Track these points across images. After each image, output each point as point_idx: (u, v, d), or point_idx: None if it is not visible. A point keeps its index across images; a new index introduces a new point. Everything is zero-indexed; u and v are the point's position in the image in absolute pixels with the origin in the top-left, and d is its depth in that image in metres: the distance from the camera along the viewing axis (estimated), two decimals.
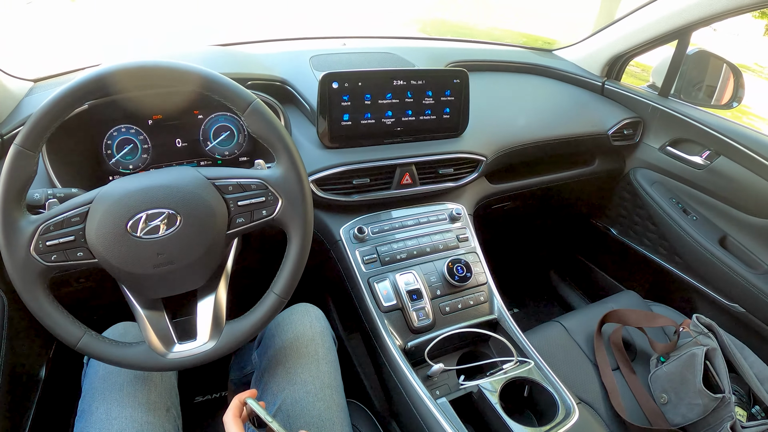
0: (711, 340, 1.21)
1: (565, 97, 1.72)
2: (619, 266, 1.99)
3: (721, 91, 1.65)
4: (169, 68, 0.74)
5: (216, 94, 0.76)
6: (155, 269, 0.75)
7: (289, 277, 0.83)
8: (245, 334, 0.83)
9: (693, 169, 1.58)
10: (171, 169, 0.80)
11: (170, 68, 0.74)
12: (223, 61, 1.30)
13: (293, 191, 0.80)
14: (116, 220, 0.72)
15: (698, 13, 1.42)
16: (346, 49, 1.56)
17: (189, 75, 0.75)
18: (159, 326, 0.81)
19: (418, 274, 1.13)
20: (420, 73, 1.17)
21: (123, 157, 1.09)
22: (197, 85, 0.75)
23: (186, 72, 0.75)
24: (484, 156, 1.30)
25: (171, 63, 0.74)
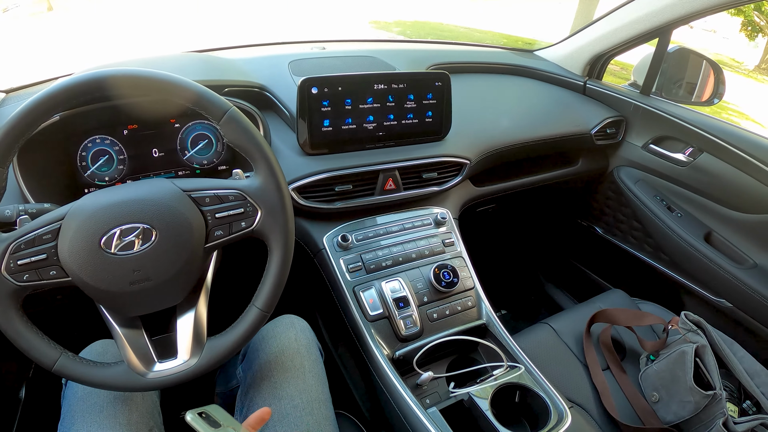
0: (700, 337, 1.21)
1: (548, 98, 1.72)
2: (605, 265, 1.99)
3: (702, 88, 1.66)
4: (138, 76, 0.71)
5: (189, 102, 0.74)
6: (131, 287, 0.72)
7: (271, 291, 0.80)
8: (227, 350, 0.80)
9: (676, 166, 1.58)
10: (145, 182, 0.77)
11: (138, 76, 0.71)
12: (198, 68, 1.27)
13: (272, 201, 0.78)
14: (89, 237, 0.69)
15: (678, 11, 1.42)
16: (326, 53, 1.54)
17: (158, 83, 0.72)
18: (138, 345, 0.78)
19: (404, 281, 1.11)
20: (401, 77, 1.15)
21: (98, 168, 1.05)
22: (167, 93, 0.73)
23: (155, 80, 0.72)
24: (467, 159, 1.29)
25: (139, 71, 0.71)
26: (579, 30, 1.78)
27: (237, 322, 0.81)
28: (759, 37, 13.37)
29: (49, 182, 0.98)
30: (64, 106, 0.69)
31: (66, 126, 0.99)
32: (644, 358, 1.29)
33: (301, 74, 1.28)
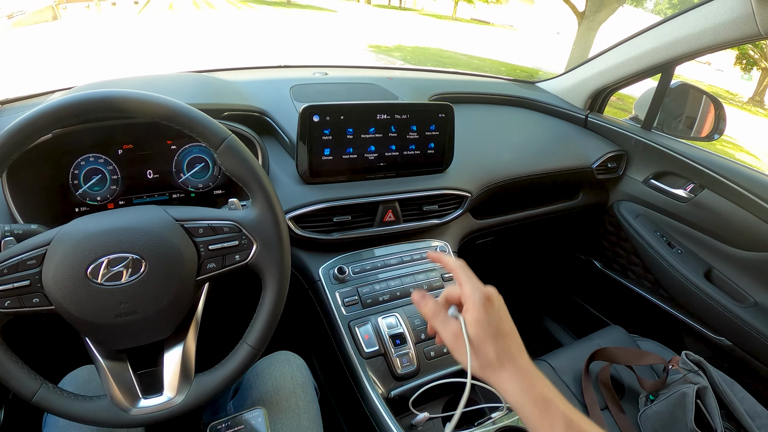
0: (701, 378, 1.19)
1: (550, 130, 1.71)
2: (604, 300, 1.97)
3: (703, 124, 1.65)
4: (135, 99, 0.69)
5: (186, 128, 0.71)
6: (117, 319, 0.69)
7: (263, 328, 0.77)
8: (216, 388, 0.77)
9: (677, 202, 1.57)
10: (136, 209, 0.74)
11: (138, 100, 0.69)
12: (196, 90, 1.25)
13: (269, 235, 0.75)
14: (75, 265, 0.66)
15: (682, 49, 1.42)
16: (328, 78, 1.52)
17: (157, 107, 0.70)
18: (122, 379, 0.74)
19: (401, 317, 1.07)
20: (404, 107, 1.13)
21: (90, 188, 1.02)
22: (165, 117, 0.70)
23: (152, 104, 0.70)
24: (469, 192, 1.26)
25: (139, 94, 0.69)
26: (581, 63, 1.78)
27: (227, 358, 0.78)
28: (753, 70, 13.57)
29: (38, 201, 0.95)
30: (59, 124, 0.67)
31: (59, 143, 0.96)
32: (643, 397, 1.26)
33: (303, 100, 1.27)
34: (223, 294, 0.98)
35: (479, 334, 0.62)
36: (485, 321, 0.62)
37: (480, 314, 0.62)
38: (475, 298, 0.63)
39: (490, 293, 0.64)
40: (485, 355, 0.62)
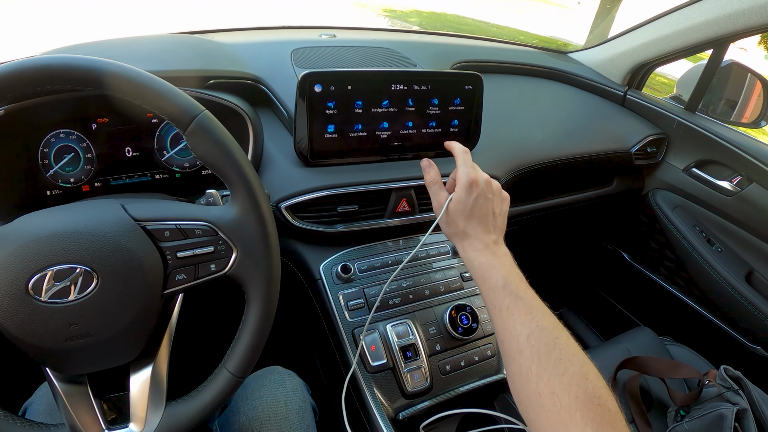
0: (740, 398, 1.10)
1: (585, 108, 1.56)
2: (630, 296, 1.87)
3: (751, 108, 1.53)
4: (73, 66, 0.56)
5: (144, 102, 0.58)
6: (68, 343, 0.57)
7: (246, 352, 0.64)
8: (191, 420, 0.64)
9: (721, 195, 1.45)
10: (89, 205, 0.61)
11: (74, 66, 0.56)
12: (179, 54, 1.08)
13: (252, 239, 0.62)
14: (14, 278, 0.54)
15: (744, 23, 1.27)
16: (336, 41, 1.35)
17: (103, 75, 0.56)
18: (83, 406, 0.63)
19: (413, 325, 0.93)
20: (424, 76, 0.96)
21: (62, 168, 0.88)
22: (116, 89, 0.57)
23: (100, 71, 0.56)
24: (496, 177, 1.11)
25: (74, 59, 0.56)
26: (621, 33, 1.63)
27: (203, 386, 0.66)
28: None
29: (3, 185, 0.82)
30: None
31: (24, 117, 0.82)
32: (673, 411, 1.18)
33: (306, 66, 1.11)
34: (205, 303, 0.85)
35: (455, 209, 0.79)
36: (463, 200, 0.78)
37: (461, 194, 0.78)
38: (462, 181, 0.79)
39: (476, 179, 0.79)
40: (456, 225, 0.79)
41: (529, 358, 0.62)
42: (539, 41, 9.87)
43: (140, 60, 0.78)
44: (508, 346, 0.65)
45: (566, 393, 0.57)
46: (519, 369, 0.63)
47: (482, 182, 0.79)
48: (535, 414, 0.59)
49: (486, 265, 0.74)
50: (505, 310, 0.68)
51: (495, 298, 0.70)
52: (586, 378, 0.58)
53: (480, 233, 0.77)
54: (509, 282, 0.70)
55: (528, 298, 0.69)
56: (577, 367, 0.59)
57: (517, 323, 0.65)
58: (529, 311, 0.66)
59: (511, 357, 0.65)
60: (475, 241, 0.77)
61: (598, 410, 0.55)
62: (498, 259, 0.75)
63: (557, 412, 0.56)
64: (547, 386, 0.58)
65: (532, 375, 0.60)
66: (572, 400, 0.56)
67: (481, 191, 0.79)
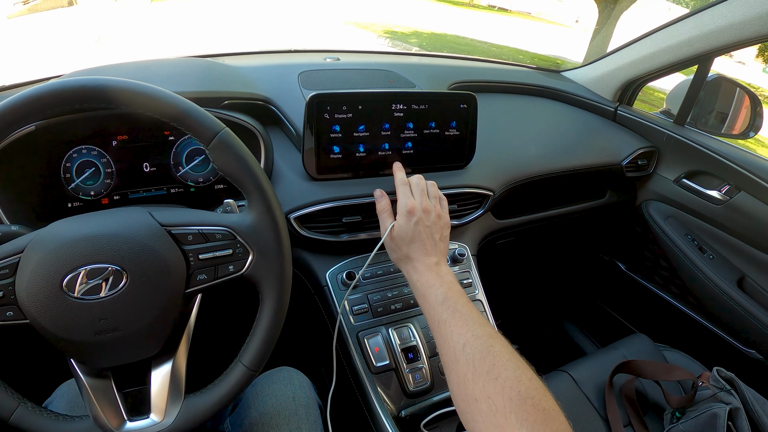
0: (733, 398, 1.12)
1: (577, 124, 1.61)
2: (627, 305, 1.89)
3: (738, 120, 1.58)
4: (112, 88, 0.61)
5: (172, 120, 0.64)
6: (97, 337, 0.62)
7: (260, 347, 0.70)
8: (207, 412, 0.70)
9: (710, 203, 1.48)
10: (118, 212, 0.67)
11: (113, 88, 0.62)
12: (196, 76, 1.16)
13: (267, 243, 0.68)
14: (50, 277, 0.59)
15: (725, 39, 1.32)
16: (340, 64, 1.42)
17: (135, 96, 0.62)
18: (106, 399, 0.68)
19: (414, 328, 0.98)
20: (422, 96, 1.02)
21: (83, 182, 0.94)
22: (146, 108, 0.63)
23: (132, 92, 0.62)
24: (491, 190, 1.16)
25: (115, 81, 0.62)
26: (611, 52, 1.68)
27: (220, 379, 0.71)
28: None
29: (26, 197, 0.88)
30: (31, 117, 0.61)
31: (49, 134, 0.88)
32: (669, 414, 1.19)
33: (312, 87, 1.18)
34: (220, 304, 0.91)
35: (397, 237, 0.86)
36: (403, 228, 0.85)
37: (400, 222, 0.86)
38: (401, 210, 0.86)
39: (412, 208, 0.85)
40: (399, 251, 0.86)
41: (465, 365, 0.65)
42: (538, 60, 9.96)
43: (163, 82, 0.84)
44: (447, 357, 0.69)
45: (500, 396, 0.59)
46: (457, 377, 0.66)
47: (419, 210, 0.85)
48: (473, 420, 0.61)
49: (427, 284, 0.79)
50: (443, 324, 0.72)
51: (434, 313, 0.74)
52: (519, 380, 0.60)
53: (421, 256, 0.83)
54: (448, 298, 0.75)
55: (465, 311, 0.72)
56: (510, 371, 0.62)
57: (454, 334, 0.69)
58: (466, 323, 0.70)
59: (450, 367, 0.68)
60: (417, 263, 0.83)
61: (532, 411, 0.57)
62: (439, 278, 0.79)
63: (493, 415, 0.58)
64: (483, 391, 0.61)
65: (468, 381, 0.63)
66: (506, 402, 0.58)
67: (419, 218, 0.85)
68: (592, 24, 9.06)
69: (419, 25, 12.57)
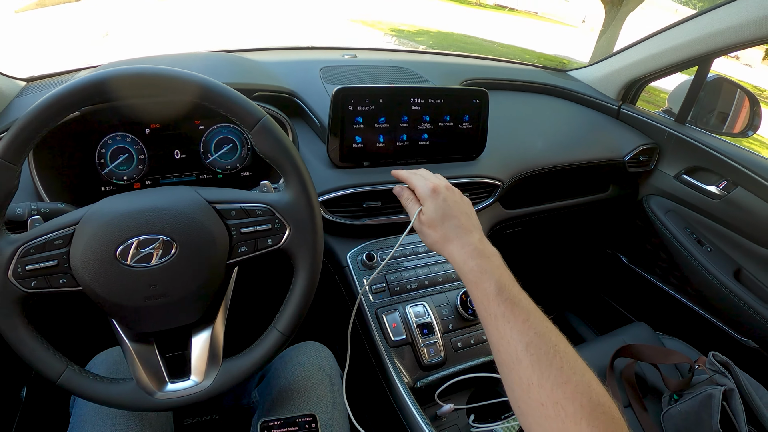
0: (728, 380, 1.17)
1: (582, 120, 1.68)
2: (629, 296, 1.94)
3: (738, 119, 1.63)
4: (171, 77, 0.67)
5: (220, 107, 0.70)
6: (146, 302, 0.68)
7: (293, 314, 0.76)
8: (244, 373, 0.75)
9: (709, 198, 1.54)
10: (167, 189, 0.73)
11: (171, 77, 0.67)
12: (227, 69, 1.23)
13: (302, 219, 0.74)
14: (104, 246, 0.65)
15: (723, 41, 1.38)
16: (358, 61, 1.49)
17: (191, 85, 0.68)
18: (149, 362, 0.74)
19: (429, 306, 1.05)
20: (438, 92, 1.10)
21: (117, 167, 1.00)
22: (199, 96, 0.69)
23: (188, 82, 0.68)
24: (500, 181, 1.24)
25: (172, 71, 0.67)
26: (615, 52, 1.74)
27: (256, 344, 0.77)
28: None
29: (64, 179, 0.94)
30: (89, 100, 0.65)
31: (86, 121, 0.94)
32: (667, 396, 1.25)
33: (333, 82, 1.25)
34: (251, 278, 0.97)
35: (428, 220, 0.81)
36: (432, 209, 0.80)
37: (428, 204, 0.81)
38: (424, 194, 0.83)
39: (436, 186, 0.83)
40: (434, 234, 0.80)
41: (529, 367, 0.59)
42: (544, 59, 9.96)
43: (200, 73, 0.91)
44: (506, 356, 0.63)
45: (570, 402, 0.55)
46: (519, 379, 0.60)
47: (442, 187, 0.83)
48: (537, 424, 0.58)
49: (477, 269, 0.71)
50: (501, 318, 0.65)
51: (489, 305, 0.67)
52: (590, 386, 0.57)
53: (461, 233, 0.77)
54: (503, 287, 0.68)
55: (524, 304, 0.66)
56: (579, 375, 0.58)
57: (515, 331, 0.63)
58: (526, 318, 0.64)
59: (509, 366, 0.62)
60: (458, 243, 0.76)
61: (603, 418, 0.54)
62: (489, 261, 0.72)
63: (562, 421, 0.54)
64: (550, 396, 0.56)
65: (533, 385, 0.58)
66: (577, 408, 0.54)
67: (445, 196, 0.82)
68: (598, 24, 9.07)
69: (426, 23, 12.57)
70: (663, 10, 21.23)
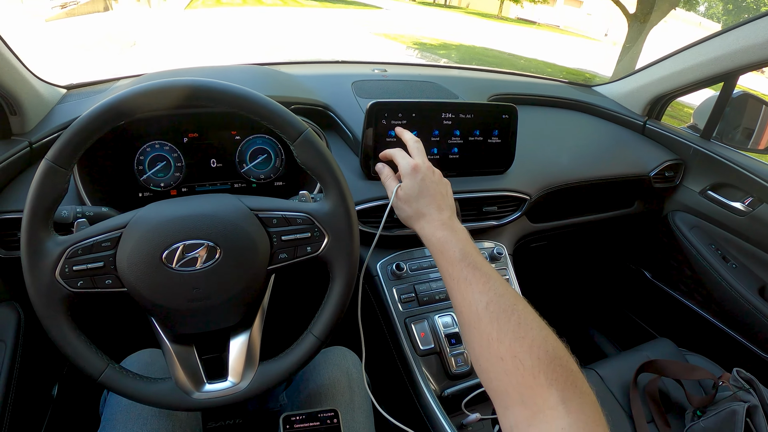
0: (752, 397, 1.16)
1: (607, 136, 1.69)
2: (652, 311, 1.93)
3: (763, 136, 1.61)
4: (223, 91, 0.70)
5: (265, 120, 0.72)
6: (189, 304, 0.71)
7: (329, 319, 0.78)
8: (280, 376, 0.77)
9: (734, 215, 1.53)
10: (212, 197, 0.75)
11: (224, 91, 0.70)
12: (266, 83, 1.26)
13: (341, 228, 0.76)
14: (151, 250, 0.67)
15: (749, 58, 1.38)
16: (388, 75, 1.53)
17: (239, 99, 0.71)
18: (188, 363, 0.76)
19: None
20: (469, 107, 1.12)
21: (155, 174, 1.04)
22: (244, 108, 0.72)
23: (237, 96, 0.71)
24: (528, 195, 1.26)
25: (226, 85, 0.70)
26: (641, 68, 1.75)
27: (291, 348, 0.79)
28: None
29: (106, 185, 0.98)
30: (139, 110, 0.68)
31: (128, 129, 0.98)
32: (690, 413, 1.24)
33: (365, 96, 1.28)
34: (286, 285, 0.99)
35: (405, 195, 0.87)
36: (409, 185, 0.86)
37: (406, 181, 0.87)
38: (405, 171, 0.87)
39: (417, 165, 0.87)
40: (408, 209, 0.87)
41: (488, 324, 0.63)
42: (566, 73, 9.95)
43: None
44: (468, 315, 0.67)
45: (528, 355, 0.57)
46: (479, 336, 0.64)
47: (423, 167, 0.87)
48: (497, 379, 0.60)
49: (443, 239, 0.78)
50: (463, 281, 0.70)
51: (453, 270, 0.72)
52: (546, 340, 0.59)
53: (433, 210, 0.83)
54: (467, 254, 0.73)
55: (485, 269, 0.71)
56: (536, 330, 0.60)
57: (476, 292, 0.67)
58: (487, 280, 0.68)
59: (470, 325, 0.66)
60: (430, 218, 0.83)
61: (561, 371, 0.56)
62: (455, 234, 0.78)
63: (520, 374, 0.56)
64: (509, 350, 0.59)
65: (492, 340, 0.61)
66: (534, 362, 0.56)
67: (424, 175, 0.86)
68: (621, 38, 9.04)
69: (447, 36, 12.62)
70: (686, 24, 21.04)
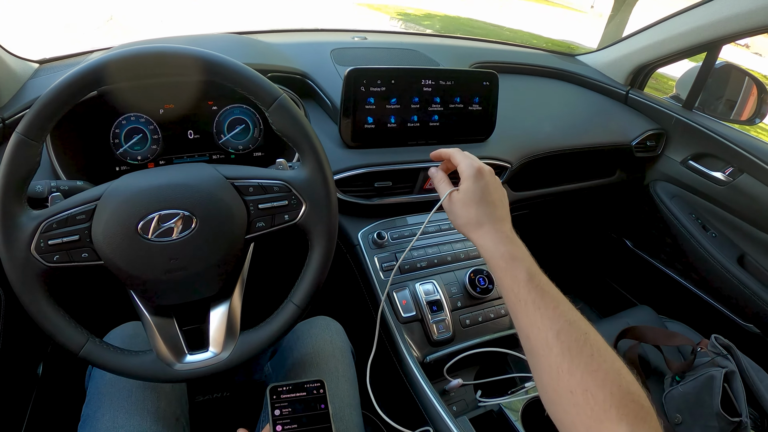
0: (729, 362, 1.18)
1: (590, 105, 1.68)
2: (633, 280, 1.96)
3: (745, 107, 1.62)
4: (192, 56, 0.68)
5: (238, 86, 0.71)
6: (167, 275, 0.69)
7: (309, 287, 0.77)
8: (261, 345, 0.77)
9: (714, 185, 1.55)
10: (187, 166, 0.74)
11: (193, 56, 0.68)
12: (242, 50, 1.24)
13: (318, 195, 0.75)
14: (126, 221, 0.66)
15: (732, 27, 1.38)
16: (368, 43, 1.50)
17: (212, 65, 0.69)
18: (168, 334, 0.75)
19: (438, 284, 1.08)
20: (449, 73, 1.11)
21: (131, 147, 1.01)
22: (218, 75, 0.70)
23: (210, 62, 0.69)
24: (509, 163, 1.25)
25: (194, 50, 0.68)
26: (624, 37, 1.74)
27: (272, 317, 0.78)
28: None
29: (80, 158, 0.96)
30: (108, 80, 0.66)
31: (101, 102, 0.95)
32: (669, 378, 1.26)
33: (344, 63, 1.26)
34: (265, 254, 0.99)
35: (465, 199, 0.78)
36: (472, 189, 0.77)
37: (469, 184, 0.78)
38: (468, 172, 0.79)
39: (482, 168, 0.80)
40: (467, 215, 0.77)
41: (559, 354, 0.59)
42: (551, 44, 9.89)
43: None
44: (536, 342, 0.62)
45: (600, 390, 0.54)
46: (549, 366, 0.60)
47: (487, 170, 0.80)
48: (565, 411, 0.57)
49: (508, 255, 0.71)
50: (531, 304, 0.65)
51: (519, 291, 0.67)
52: (619, 374, 0.56)
53: (495, 221, 0.76)
54: (533, 274, 0.68)
55: (553, 293, 0.66)
56: (609, 363, 0.57)
57: (546, 318, 0.63)
58: (557, 306, 0.64)
59: (539, 354, 0.62)
60: (491, 228, 0.75)
61: (632, 406, 0.53)
62: (519, 249, 0.72)
63: (590, 408, 0.54)
64: (580, 383, 0.56)
65: (563, 372, 0.58)
66: (607, 396, 0.54)
67: (488, 181, 0.79)
68: (607, 9, 8.99)
69: (433, 7, 12.47)
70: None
